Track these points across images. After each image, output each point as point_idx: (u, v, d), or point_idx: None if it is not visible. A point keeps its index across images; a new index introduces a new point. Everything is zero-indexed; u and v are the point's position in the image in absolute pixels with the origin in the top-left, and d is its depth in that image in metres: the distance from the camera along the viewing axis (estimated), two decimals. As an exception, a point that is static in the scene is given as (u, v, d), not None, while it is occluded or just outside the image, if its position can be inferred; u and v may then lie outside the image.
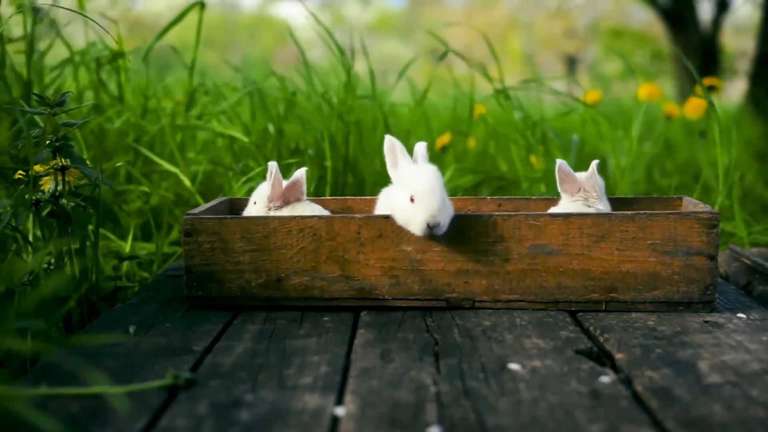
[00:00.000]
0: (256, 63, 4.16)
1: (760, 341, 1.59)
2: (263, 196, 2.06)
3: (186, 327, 1.74)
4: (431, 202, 1.78)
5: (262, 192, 2.07)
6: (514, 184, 3.29)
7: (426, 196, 1.79)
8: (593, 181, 2.02)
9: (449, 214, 1.82)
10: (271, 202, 2.04)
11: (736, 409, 1.24)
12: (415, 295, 1.86)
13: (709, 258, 1.80)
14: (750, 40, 9.53)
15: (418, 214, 1.78)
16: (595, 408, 1.25)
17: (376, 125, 3.27)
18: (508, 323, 1.74)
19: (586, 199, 2.03)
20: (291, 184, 2.06)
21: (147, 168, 2.97)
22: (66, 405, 1.27)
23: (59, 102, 1.88)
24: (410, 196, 1.79)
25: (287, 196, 2.06)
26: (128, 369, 1.46)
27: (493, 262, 1.84)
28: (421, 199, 1.79)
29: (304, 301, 1.88)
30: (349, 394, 1.32)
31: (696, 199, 2.16)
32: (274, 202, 2.05)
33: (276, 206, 2.04)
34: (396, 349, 1.56)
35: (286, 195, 2.05)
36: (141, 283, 2.39)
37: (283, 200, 2.05)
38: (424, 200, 1.78)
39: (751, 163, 4.47)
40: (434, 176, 1.83)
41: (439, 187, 1.81)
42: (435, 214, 1.77)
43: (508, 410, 1.25)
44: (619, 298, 1.83)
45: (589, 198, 2.03)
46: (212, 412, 1.25)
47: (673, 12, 9.25)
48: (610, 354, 1.55)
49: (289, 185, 2.06)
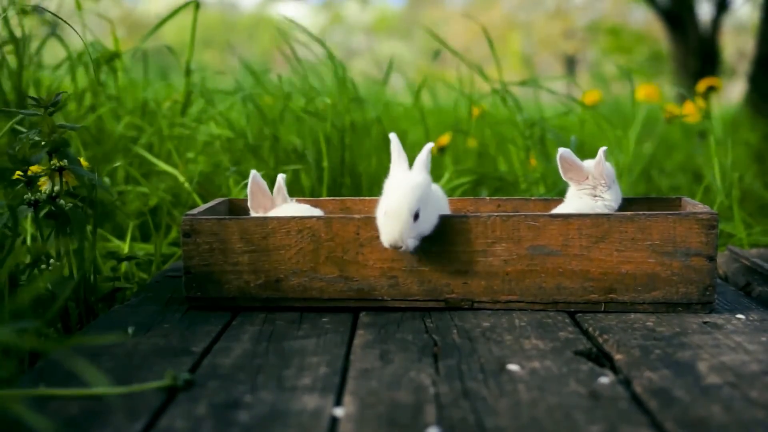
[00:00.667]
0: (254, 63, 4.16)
1: (759, 342, 1.59)
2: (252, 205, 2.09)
3: (185, 328, 1.74)
4: (395, 227, 1.76)
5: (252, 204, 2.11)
6: (512, 185, 3.29)
7: (391, 219, 1.77)
8: (601, 168, 1.99)
9: (423, 230, 1.80)
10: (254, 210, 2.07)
11: (735, 411, 1.23)
12: (414, 295, 1.86)
13: (709, 259, 1.80)
14: (749, 40, 9.54)
15: (382, 234, 1.79)
16: (594, 409, 1.25)
17: (372, 126, 3.26)
18: (507, 324, 1.74)
19: (594, 187, 2.00)
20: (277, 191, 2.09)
21: (145, 168, 2.97)
22: (64, 406, 1.27)
23: (53, 102, 1.88)
24: (384, 209, 1.80)
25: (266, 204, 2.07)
26: (127, 370, 1.45)
27: (492, 262, 1.84)
28: (387, 220, 1.78)
29: (303, 301, 1.88)
30: (348, 395, 1.32)
31: (695, 199, 2.16)
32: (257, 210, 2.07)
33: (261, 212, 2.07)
34: (395, 350, 1.56)
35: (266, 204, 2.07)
36: (140, 283, 2.39)
37: (264, 209, 2.07)
38: (389, 223, 1.77)
39: (750, 164, 4.47)
40: (410, 195, 1.78)
41: (410, 206, 1.76)
42: (396, 239, 1.75)
43: (507, 411, 1.24)
44: (618, 299, 1.83)
45: (597, 186, 2.00)
46: (211, 413, 1.24)
47: (672, 12, 9.26)
48: (609, 355, 1.54)
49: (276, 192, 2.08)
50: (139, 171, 2.90)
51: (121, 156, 2.92)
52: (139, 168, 2.96)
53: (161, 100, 3.43)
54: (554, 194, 3.02)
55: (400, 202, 1.77)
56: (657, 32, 12.47)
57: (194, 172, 2.97)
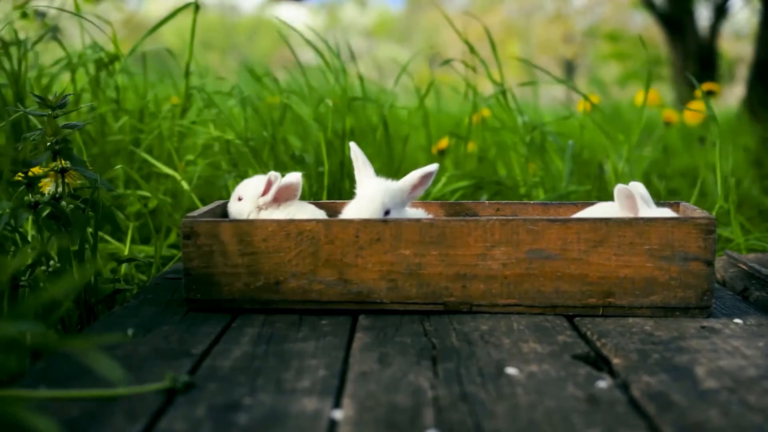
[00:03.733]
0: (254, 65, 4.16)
1: (757, 347, 1.60)
2: (252, 195, 2.08)
3: (184, 330, 1.75)
4: (364, 209, 1.95)
5: (250, 189, 2.10)
6: (512, 189, 3.29)
7: (364, 201, 1.97)
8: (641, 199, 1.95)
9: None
10: (264, 204, 2.09)
11: (732, 415, 1.24)
12: (412, 299, 1.87)
13: (707, 263, 1.81)
14: (748, 45, 9.55)
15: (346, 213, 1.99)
16: (592, 413, 1.26)
17: (375, 129, 3.27)
18: (505, 328, 1.74)
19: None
20: (284, 186, 2.07)
21: (145, 170, 2.97)
22: (65, 407, 1.27)
23: (60, 104, 1.89)
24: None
25: (278, 198, 2.08)
26: (127, 371, 1.46)
27: (490, 266, 1.84)
28: (359, 202, 1.97)
29: (302, 304, 1.88)
30: (347, 398, 1.33)
31: (693, 204, 2.16)
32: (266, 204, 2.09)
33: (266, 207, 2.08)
34: (394, 353, 1.57)
35: (278, 197, 2.08)
36: (139, 285, 2.39)
37: (276, 203, 2.08)
38: (361, 204, 1.96)
39: (748, 169, 4.48)
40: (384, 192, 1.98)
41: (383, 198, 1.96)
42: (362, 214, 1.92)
43: (506, 415, 1.25)
44: (616, 303, 1.83)
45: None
46: (210, 416, 1.25)
47: (671, 17, 9.27)
48: (607, 359, 1.55)
49: (282, 188, 2.07)
50: (139, 173, 2.90)
51: (121, 158, 2.92)
52: (138, 171, 2.97)
53: (161, 102, 3.43)
54: (553, 198, 3.03)
55: (375, 193, 1.97)
56: (656, 37, 12.47)
57: (194, 174, 2.98)
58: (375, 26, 28.00)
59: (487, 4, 24.39)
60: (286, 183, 2.08)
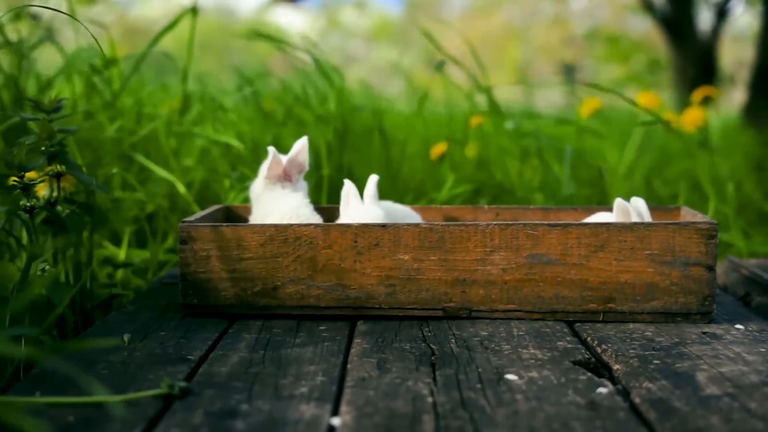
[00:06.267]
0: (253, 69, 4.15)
1: (758, 352, 1.59)
2: (263, 173, 2.11)
3: (181, 335, 1.73)
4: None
5: (263, 168, 2.12)
6: (511, 194, 3.28)
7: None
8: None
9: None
10: (269, 179, 2.09)
11: (734, 422, 1.23)
12: (411, 304, 1.85)
13: (708, 269, 1.80)
14: (749, 49, 9.55)
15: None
16: (593, 419, 1.24)
17: (372, 133, 3.26)
18: (505, 333, 1.73)
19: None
20: (292, 157, 2.09)
21: (142, 175, 2.96)
22: (61, 414, 1.26)
23: (55, 108, 1.88)
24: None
25: (289, 170, 2.08)
26: (123, 377, 1.44)
27: (490, 271, 1.83)
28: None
29: (300, 309, 1.87)
30: (345, 405, 1.31)
31: (695, 209, 2.15)
32: (272, 180, 2.09)
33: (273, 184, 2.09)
34: (392, 359, 1.55)
35: (288, 170, 2.08)
36: (136, 290, 2.38)
37: (286, 177, 2.07)
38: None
39: (749, 173, 4.47)
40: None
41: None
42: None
43: (505, 421, 1.24)
44: (616, 308, 1.82)
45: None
46: (207, 422, 1.23)
47: (672, 20, 9.27)
48: (608, 365, 1.54)
49: (290, 159, 2.09)
50: (136, 177, 2.89)
51: (117, 162, 2.91)
52: (135, 174, 2.95)
53: (158, 105, 3.42)
54: (553, 203, 3.02)
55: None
56: (655, 40, 12.48)
57: (191, 178, 2.97)
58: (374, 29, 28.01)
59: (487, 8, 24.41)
60: (292, 154, 2.10)
